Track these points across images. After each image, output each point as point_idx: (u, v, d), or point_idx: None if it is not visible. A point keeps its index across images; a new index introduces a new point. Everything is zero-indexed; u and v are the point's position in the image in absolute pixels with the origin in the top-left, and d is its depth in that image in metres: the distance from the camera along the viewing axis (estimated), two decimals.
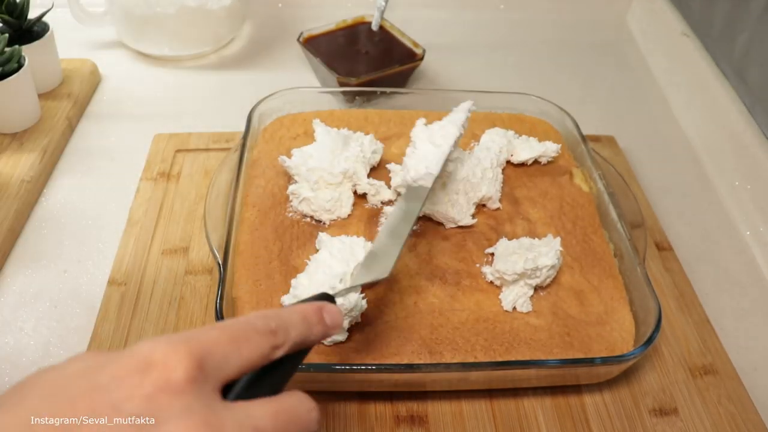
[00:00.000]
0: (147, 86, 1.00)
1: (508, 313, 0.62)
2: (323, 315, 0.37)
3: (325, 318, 0.37)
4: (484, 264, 0.66)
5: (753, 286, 0.78)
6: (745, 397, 0.64)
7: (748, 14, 0.89)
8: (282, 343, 0.33)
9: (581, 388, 0.63)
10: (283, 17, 1.18)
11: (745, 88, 0.89)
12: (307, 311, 0.36)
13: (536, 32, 1.21)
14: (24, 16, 0.88)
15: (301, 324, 0.35)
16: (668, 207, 0.87)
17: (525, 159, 0.76)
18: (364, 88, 0.90)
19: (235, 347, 0.31)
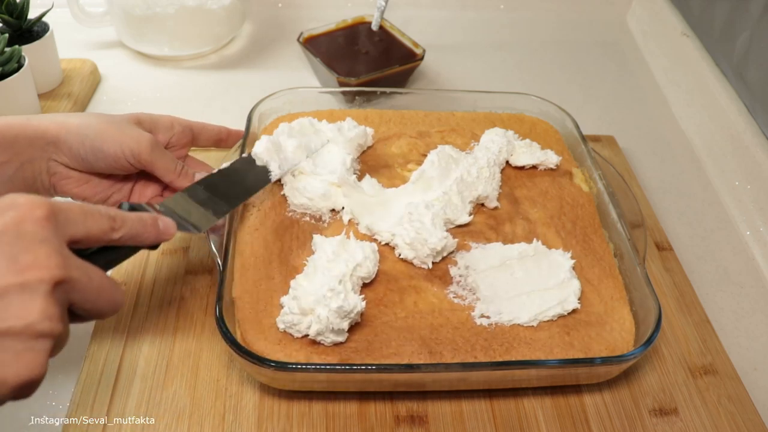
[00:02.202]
0: (147, 86, 1.00)
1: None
2: (157, 222, 0.48)
3: (159, 224, 0.48)
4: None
5: (753, 286, 0.78)
6: (745, 397, 0.64)
7: (748, 14, 0.89)
8: (119, 227, 0.43)
9: (581, 388, 0.63)
10: (283, 17, 1.18)
11: (745, 88, 0.89)
12: (144, 215, 0.47)
13: (536, 32, 1.21)
14: (24, 16, 0.88)
15: (137, 221, 0.45)
16: (668, 207, 0.87)
17: (524, 164, 0.76)
18: (364, 88, 0.90)
19: (82, 215, 0.41)
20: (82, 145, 0.57)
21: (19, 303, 0.35)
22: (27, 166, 0.57)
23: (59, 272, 0.36)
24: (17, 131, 0.55)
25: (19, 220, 0.36)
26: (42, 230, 0.37)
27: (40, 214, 0.37)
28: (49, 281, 0.36)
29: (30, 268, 0.35)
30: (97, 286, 0.40)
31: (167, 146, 0.65)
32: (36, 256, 0.36)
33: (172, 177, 0.62)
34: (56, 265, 0.36)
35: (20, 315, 0.35)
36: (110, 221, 0.43)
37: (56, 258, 0.37)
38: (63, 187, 0.60)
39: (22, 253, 0.36)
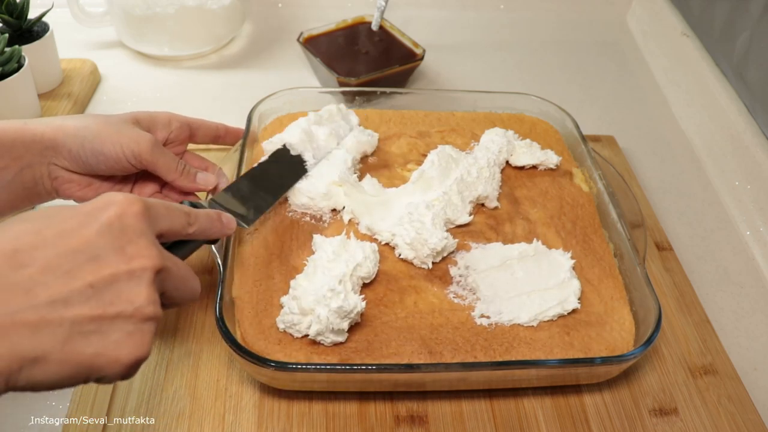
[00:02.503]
0: (147, 86, 1.00)
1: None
2: (221, 217, 0.52)
3: (223, 219, 0.52)
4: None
5: (753, 286, 0.78)
6: (745, 397, 0.64)
7: (748, 14, 0.89)
8: (194, 222, 0.47)
9: (581, 388, 0.63)
10: (283, 17, 1.18)
11: (745, 88, 0.89)
12: (210, 212, 0.51)
13: (536, 32, 1.21)
14: (24, 16, 0.88)
15: (206, 217, 0.50)
16: (668, 207, 0.87)
17: (524, 164, 0.76)
18: (364, 88, 0.90)
19: (167, 212, 0.45)
20: (82, 149, 0.57)
21: (128, 289, 0.38)
22: (26, 171, 0.57)
23: (159, 262, 0.40)
24: (14, 136, 0.55)
25: (120, 213, 0.39)
26: (140, 224, 0.40)
27: (137, 209, 0.40)
28: (152, 270, 0.39)
29: (135, 257, 0.39)
30: (183, 275, 0.44)
31: (166, 142, 0.65)
32: (139, 247, 0.39)
33: (173, 176, 0.62)
34: (156, 255, 0.40)
35: (130, 299, 0.38)
36: (186, 217, 0.47)
37: (155, 249, 0.40)
38: (66, 191, 0.60)
39: (128, 244, 0.39)
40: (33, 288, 0.35)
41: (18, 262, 0.35)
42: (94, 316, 0.37)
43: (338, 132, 0.72)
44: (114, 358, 0.37)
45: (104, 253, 0.38)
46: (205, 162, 0.69)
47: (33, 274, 0.35)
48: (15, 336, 0.34)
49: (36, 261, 0.36)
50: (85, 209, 0.40)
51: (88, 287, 0.37)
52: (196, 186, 0.65)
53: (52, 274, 0.36)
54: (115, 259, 0.38)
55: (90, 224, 0.39)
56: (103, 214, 0.39)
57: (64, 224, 0.38)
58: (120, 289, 0.38)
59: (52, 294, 0.35)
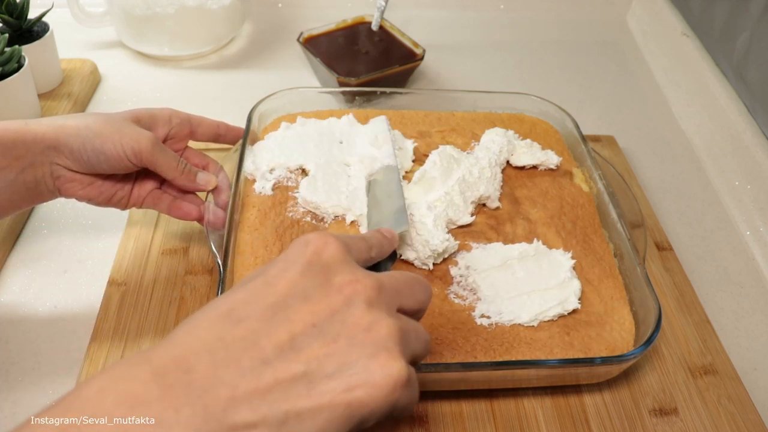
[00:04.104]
0: (147, 86, 1.00)
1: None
2: (383, 232, 0.50)
3: (385, 233, 0.50)
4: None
5: (753, 286, 0.78)
6: (745, 397, 0.64)
7: (748, 14, 0.89)
8: (372, 246, 0.46)
9: (581, 388, 0.63)
10: (283, 17, 1.18)
11: (745, 88, 0.89)
12: (373, 232, 0.50)
13: (536, 32, 1.21)
14: (24, 16, 0.88)
15: (377, 237, 0.48)
16: (668, 207, 0.87)
17: (524, 164, 0.76)
18: (364, 88, 0.90)
19: (358, 243, 0.44)
20: (84, 148, 0.57)
21: (350, 315, 0.36)
22: (28, 171, 0.57)
23: (370, 281, 0.38)
24: (15, 136, 0.55)
25: (317, 250, 0.39)
26: (339, 254, 0.39)
27: (333, 242, 0.40)
28: (365, 289, 0.38)
29: (345, 285, 0.38)
30: (405, 281, 0.42)
31: (166, 139, 0.65)
32: (344, 276, 0.38)
33: (174, 174, 0.62)
34: (365, 276, 0.39)
35: (356, 324, 0.36)
36: (365, 241, 0.46)
37: (361, 271, 0.39)
38: (68, 190, 0.60)
39: (333, 276, 0.38)
40: (257, 341, 0.34)
41: (236, 318, 0.35)
42: (329, 352, 0.35)
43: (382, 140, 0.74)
44: (369, 386, 0.35)
45: (312, 291, 0.37)
46: (205, 159, 0.69)
47: (253, 326, 0.34)
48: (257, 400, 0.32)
49: (251, 314, 0.35)
50: (283, 255, 0.39)
51: (311, 327, 0.35)
52: (196, 186, 0.65)
53: (271, 322, 0.35)
54: (325, 293, 0.37)
55: (290, 268, 0.38)
56: (301, 256, 0.39)
57: (268, 275, 0.38)
58: (342, 319, 0.36)
59: (278, 343, 0.34)
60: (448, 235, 0.64)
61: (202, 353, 0.33)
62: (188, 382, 0.31)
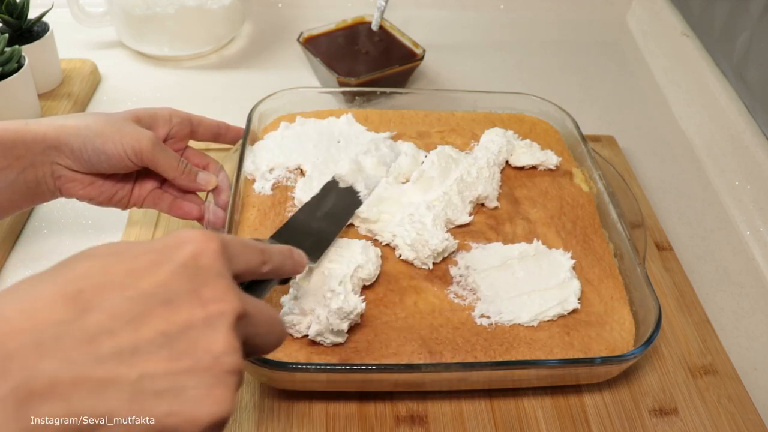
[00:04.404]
0: (147, 86, 1.00)
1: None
2: (293, 253, 0.47)
3: (294, 255, 0.47)
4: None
5: (753, 286, 0.78)
6: (745, 397, 0.64)
7: (748, 14, 0.89)
8: (268, 261, 0.42)
9: (581, 388, 0.63)
10: (283, 17, 1.18)
11: (745, 88, 0.89)
12: (283, 248, 0.46)
13: (536, 32, 1.21)
14: (24, 16, 0.88)
15: (279, 254, 0.44)
16: (668, 207, 0.87)
17: (524, 164, 0.76)
18: (364, 88, 0.90)
19: (242, 249, 0.40)
20: (84, 147, 0.57)
21: (205, 337, 0.33)
22: (29, 171, 0.57)
23: (238, 305, 0.35)
24: (15, 136, 0.55)
25: (197, 253, 0.35)
26: (217, 264, 0.36)
27: (214, 248, 0.36)
28: (231, 314, 0.35)
29: (212, 301, 0.34)
30: (266, 317, 0.38)
31: (166, 138, 0.65)
32: (216, 290, 0.35)
33: (175, 174, 0.62)
34: (235, 298, 0.35)
35: (208, 348, 0.33)
36: (262, 254, 0.42)
37: (233, 292, 0.36)
38: (69, 190, 0.60)
39: (204, 286, 0.34)
40: (97, 336, 0.30)
41: (82, 306, 0.31)
42: (167, 369, 0.32)
43: (385, 160, 0.71)
44: (190, 418, 0.32)
45: (177, 297, 0.33)
46: (206, 159, 0.69)
47: (98, 319, 0.31)
48: (75, 396, 0.29)
49: (102, 304, 0.31)
50: (157, 246, 0.35)
51: (160, 335, 0.32)
52: (196, 186, 0.65)
53: (120, 319, 0.31)
54: (189, 303, 0.34)
55: (163, 264, 0.34)
56: (177, 253, 0.35)
57: (135, 262, 0.34)
58: (195, 337, 0.33)
59: (119, 343, 0.31)
60: (447, 234, 0.64)
61: (28, 339, 0.29)
62: (5, 371, 0.28)
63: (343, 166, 0.68)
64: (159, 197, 0.66)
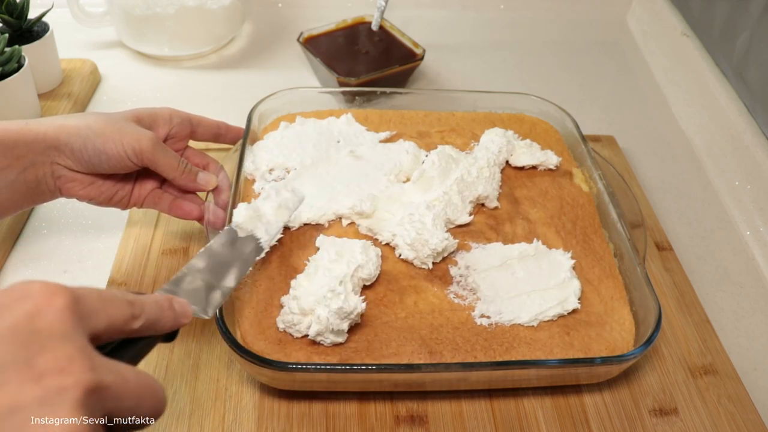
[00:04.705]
0: (147, 86, 1.00)
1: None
2: (173, 303, 0.41)
3: (175, 306, 0.41)
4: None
5: (753, 286, 0.78)
6: (745, 397, 0.64)
7: (748, 14, 0.89)
8: (139, 314, 0.36)
9: (581, 388, 0.63)
10: (283, 17, 1.18)
11: (745, 88, 0.89)
12: (159, 298, 0.40)
13: (536, 32, 1.21)
14: (24, 16, 0.88)
15: (154, 305, 0.39)
16: (668, 207, 0.87)
17: (524, 164, 0.76)
18: (364, 88, 0.90)
19: (102, 304, 0.33)
20: (85, 148, 0.57)
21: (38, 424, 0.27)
22: (29, 171, 0.57)
23: (88, 376, 0.29)
24: (16, 136, 0.55)
25: (33, 313, 0.29)
26: (61, 324, 0.30)
27: (60, 305, 0.30)
28: (76, 389, 0.28)
29: (49, 374, 0.28)
30: (134, 387, 0.32)
31: (167, 138, 0.65)
32: (56, 359, 0.28)
33: (175, 174, 0.62)
34: (83, 368, 0.29)
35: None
36: (130, 307, 0.36)
37: (82, 359, 0.29)
38: (69, 190, 0.60)
39: (38, 355, 0.28)
40: None
41: None
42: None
43: (287, 204, 0.65)
44: None
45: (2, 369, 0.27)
46: (206, 159, 0.69)
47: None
48: None
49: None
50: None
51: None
52: (196, 186, 0.65)
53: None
54: (17, 377, 0.27)
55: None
56: (8, 314, 0.29)
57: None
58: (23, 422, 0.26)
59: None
60: (447, 234, 0.64)
61: None
62: None
63: (239, 214, 0.62)
64: (159, 197, 0.66)
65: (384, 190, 0.70)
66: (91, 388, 0.29)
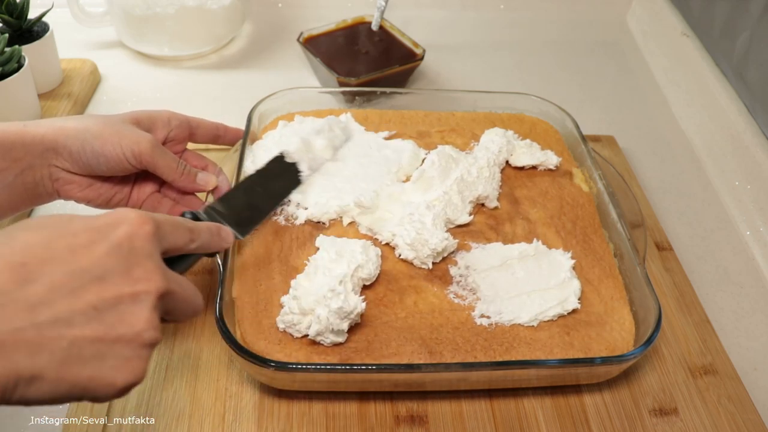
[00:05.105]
0: (147, 86, 1.00)
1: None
2: (220, 231, 0.51)
3: (222, 233, 0.51)
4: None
5: (753, 286, 0.78)
6: (745, 397, 0.64)
7: (748, 14, 0.89)
8: (196, 239, 0.47)
9: (581, 388, 0.63)
10: (283, 17, 1.18)
11: (745, 88, 0.89)
12: (211, 226, 0.50)
13: (536, 32, 1.21)
14: (24, 16, 0.88)
15: (207, 232, 0.49)
16: (668, 207, 0.87)
17: (524, 164, 0.76)
18: (364, 88, 0.90)
19: (172, 229, 0.44)
20: (83, 150, 0.57)
21: (130, 312, 0.38)
22: (27, 173, 0.56)
23: (163, 285, 0.40)
24: (14, 138, 0.55)
25: (131, 234, 0.39)
26: (149, 245, 0.40)
27: (148, 230, 0.40)
28: (155, 294, 0.39)
29: (141, 280, 0.38)
30: (186, 295, 0.43)
31: (165, 141, 0.65)
32: (146, 270, 0.39)
33: (174, 176, 0.62)
34: (161, 278, 0.40)
35: (131, 323, 0.38)
36: (190, 233, 0.46)
37: (160, 272, 0.40)
38: (67, 192, 0.60)
39: (135, 266, 0.38)
40: (37, 305, 0.34)
41: (25, 277, 0.35)
42: (95, 338, 0.36)
43: (334, 143, 0.71)
44: (109, 382, 0.37)
45: (110, 274, 0.37)
46: (204, 161, 0.69)
47: (38, 290, 0.35)
48: (15, 354, 0.33)
49: (43, 277, 0.35)
50: (97, 224, 0.39)
51: (92, 308, 0.36)
52: (196, 186, 0.65)
53: (58, 292, 0.35)
54: (120, 281, 0.38)
55: (100, 242, 0.38)
56: (113, 233, 0.39)
57: (75, 239, 0.37)
58: (122, 312, 0.38)
59: (55, 313, 0.35)
60: (447, 234, 0.64)
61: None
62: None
63: (291, 143, 0.68)
64: (158, 201, 0.66)
65: (385, 187, 0.70)
66: (163, 293, 0.40)
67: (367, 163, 0.72)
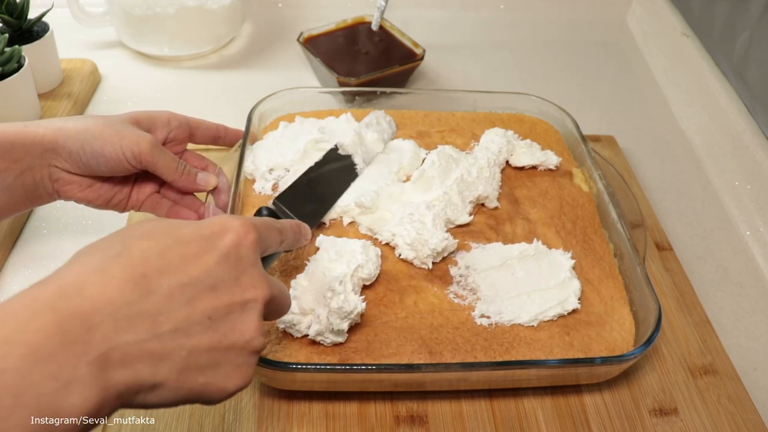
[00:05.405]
0: (147, 86, 1.00)
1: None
2: (301, 228, 0.52)
3: (303, 230, 0.52)
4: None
5: (753, 286, 0.78)
6: (745, 397, 0.64)
7: (748, 14, 0.89)
8: (285, 239, 0.48)
9: (581, 388, 0.63)
10: (283, 17, 1.18)
11: (745, 88, 0.89)
12: (294, 224, 0.51)
13: (536, 32, 1.21)
14: (24, 16, 0.88)
15: (292, 231, 0.50)
16: (668, 207, 0.87)
17: (524, 164, 0.76)
18: (364, 88, 0.90)
19: (267, 233, 0.45)
20: (83, 150, 0.57)
21: (240, 321, 0.39)
22: (27, 173, 0.56)
23: (268, 292, 0.41)
24: (14, 138, 0.55)
25: (237, 243, 0.40)
26: (252, 253, 0.41)
27: (252, 239, 0.41)
28: (262, 301, 0.40)
29: (249, 288, 0.40)
30: (284, 299, 0.45)
31: (165, 142, 0.65)
32: (252, 278, 0.40)
33: (174, 176, 0.62)
34: (266, 286, 0.41)
35: (242, 331, 0.39)
36: (279, 234, 0.47)
37: (265, 280, 0.41)
38: (67, 193, 0.60)
39: (243, 274, 0.40)
40: (158, 316, 0.35)
41: (147, 288, 0.35)
42: (210, 347, 0.37)
43: (383, 136, 0.73)
44: (221, 388, 0.38)
45: (221, 283, 0.38)
46: (204, 161, 0.69)
47: (159, 301, 0.36)
48: (139, 365, 0.34)
49: (162, 288, 0.36)
50: (204, 232, 0.40)
51: (207, 318, 0.37)
52: (196, 186, 0.65)
53: (175, 302, 0.36)
54: (230, 290, 0.39)
55: (209, 251, 0.39)
56: (221, 242, 0.39)
57: (186, 248, 0.38)
58: (234, 320, 0.39)
59: (174, 324, 0.36)
60: (447, 234, 0.64)
61: (106, 315, 0.34)
62: (88, 341, 0.33)
63: (347, 136, 0.70)
64: (157, 202, 0.66)
65: (385, 187, 0.70)
66: (268, 300, 0.41)
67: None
